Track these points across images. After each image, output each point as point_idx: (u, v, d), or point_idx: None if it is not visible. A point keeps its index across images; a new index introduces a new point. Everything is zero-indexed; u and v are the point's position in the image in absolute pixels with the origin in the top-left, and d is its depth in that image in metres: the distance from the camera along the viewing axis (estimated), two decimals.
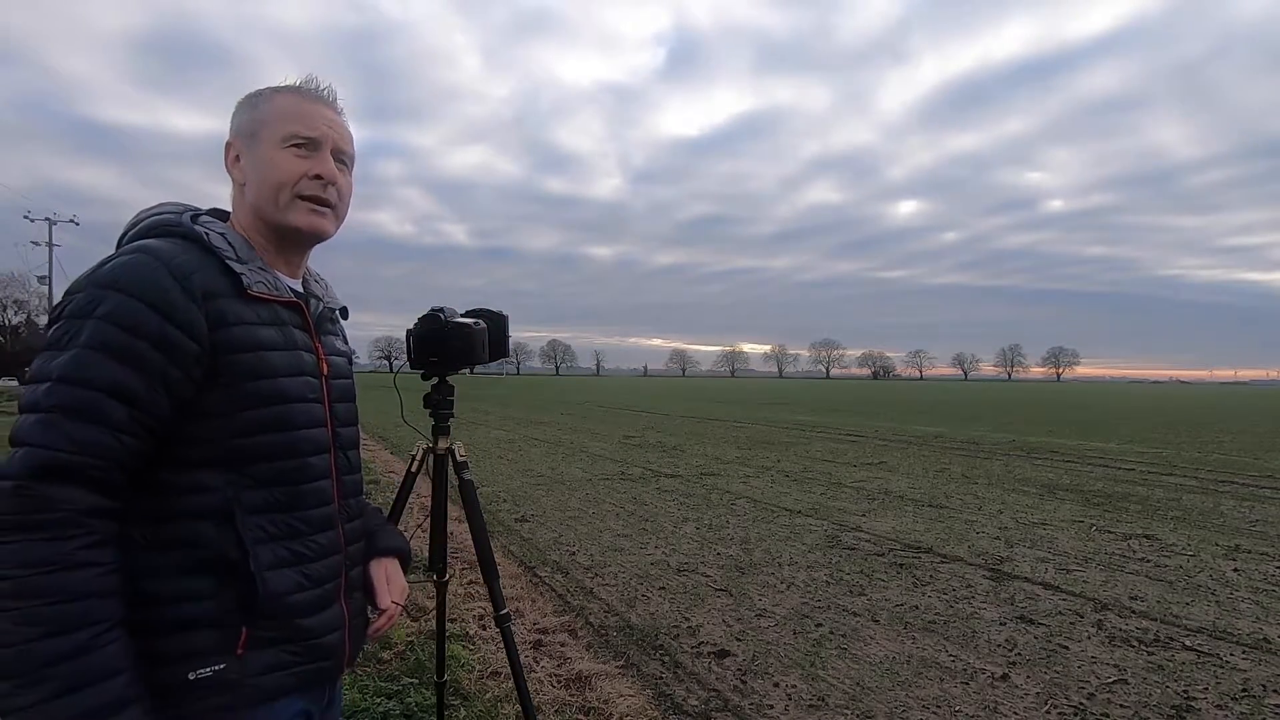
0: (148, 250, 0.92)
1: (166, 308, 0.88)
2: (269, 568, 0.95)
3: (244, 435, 0.95)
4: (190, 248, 0.96)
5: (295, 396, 1.00)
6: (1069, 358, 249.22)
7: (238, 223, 1.06)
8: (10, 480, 0.79)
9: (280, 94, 1.05)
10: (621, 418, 19.65)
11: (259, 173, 1.02)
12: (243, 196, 1.05)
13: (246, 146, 1.04)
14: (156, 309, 0.87)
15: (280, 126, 1.02)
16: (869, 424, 18.14)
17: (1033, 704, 2.86)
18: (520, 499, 7.07)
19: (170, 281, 0.89)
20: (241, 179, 1.04)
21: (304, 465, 1.01)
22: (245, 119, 1.05)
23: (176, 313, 0.89)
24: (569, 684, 2.97)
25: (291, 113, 1.03)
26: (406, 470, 1.98)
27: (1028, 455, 11.45)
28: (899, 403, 33.77)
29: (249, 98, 1.06)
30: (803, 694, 2.92)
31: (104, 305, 0.86)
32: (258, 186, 1.02)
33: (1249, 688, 3.03)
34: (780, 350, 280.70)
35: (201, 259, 0.95)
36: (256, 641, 0.94)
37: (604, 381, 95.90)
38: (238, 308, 0.96)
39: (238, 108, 1.07)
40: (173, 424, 0.91)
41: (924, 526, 6.02)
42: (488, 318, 1.87)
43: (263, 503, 0.96)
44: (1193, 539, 5.69)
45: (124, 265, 0.89)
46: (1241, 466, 10.29)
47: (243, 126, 1.05)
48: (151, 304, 0.87)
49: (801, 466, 9.73)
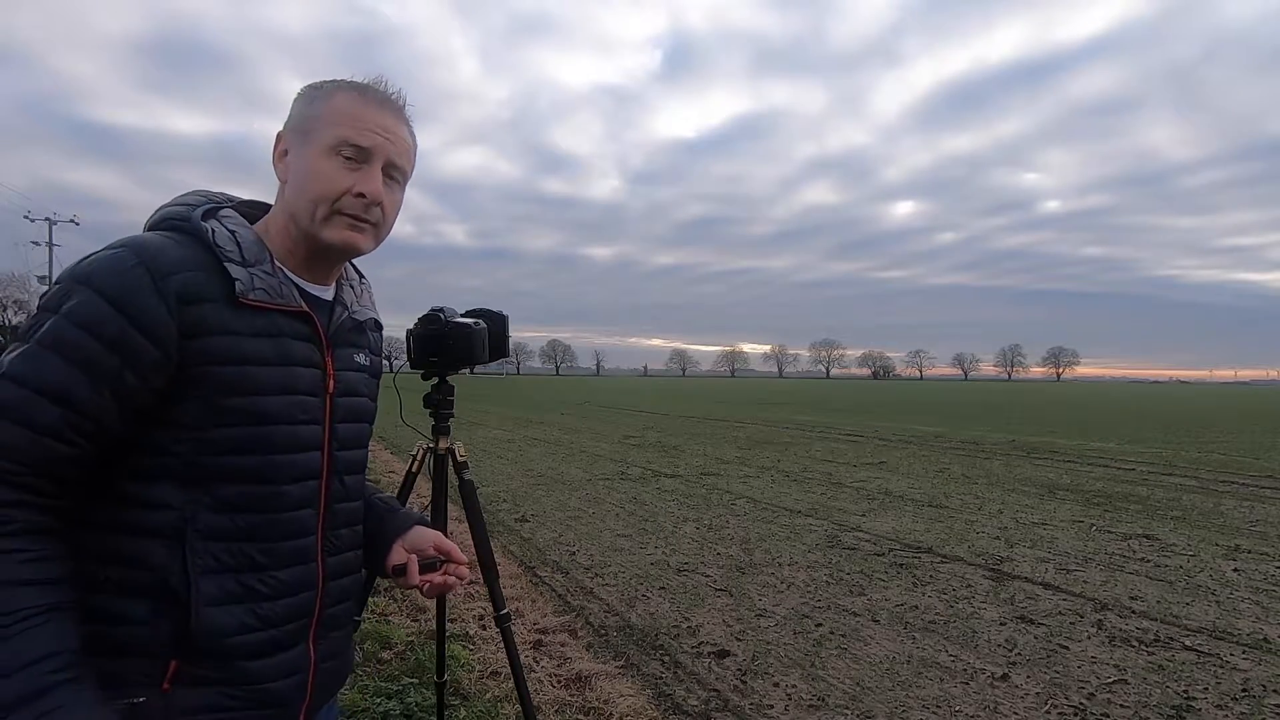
0: (134, 245, 0.85)
1: (132, 309, 0.81)
2: (212, 602, 0.86)
3: (212, 453, 0.87)
4: (189, 244, 0.88)
5: (278, 417, 0.91)
6: (1069, 358, 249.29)
7: (274, 221, 0.98)
8: None
9: (342, 91, 0.95)
10: (621, 418, 19.65)
11: (300, 179, 0.94)
12: (283, 197, 0.98)
13: (295, 144, 0.95)
14: (121, 309, 0.81)
15: (332, 130, 0.93)
16: (869, 424, 18.14)
17: (1033, 704, 2.86)
18: (520, 499, 7.07)
19: (144, 280, 0.82)
20: (284, 177, 0.96)
21: (278, 493, 0.92)
22: (300, 113, 0.96)
23: (143, 315, 0.82)
24: (569, 684, 2.97)
25: (347, 115, 0.93)
26: (406, 470, 1.98)
27: (1028, 455, 11.45)
28: (899, 403, 33.77)
29: (309, 90, 0.97)
30: (803, 694, 2.92)
31: (70, 300, 0.81)
32: (297, 193, 0.94)
33: (1249, 688, 3.03)
34: (780, 350, 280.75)
35: (197, 258, 0.87)
36: (187, 678, 0.86)
37: (604, 381, 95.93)
38: (224, 315, 0.87)
39: (298, 98, 0.97)
40: (124, 432, 0.84)
41: (924, 526, 6.02)
42: (488, 318, 1.87)
43: (221, 529, 0.88)
44: (1193, 539, 5.69)
45: (102, 260, 0.83)
46: (1241, 466, 10.29)
47: (296, 121, 0.95)
48: (116, 302, 0.81)
49: (801, 466, 9.73)
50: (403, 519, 1.15)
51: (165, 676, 0.84)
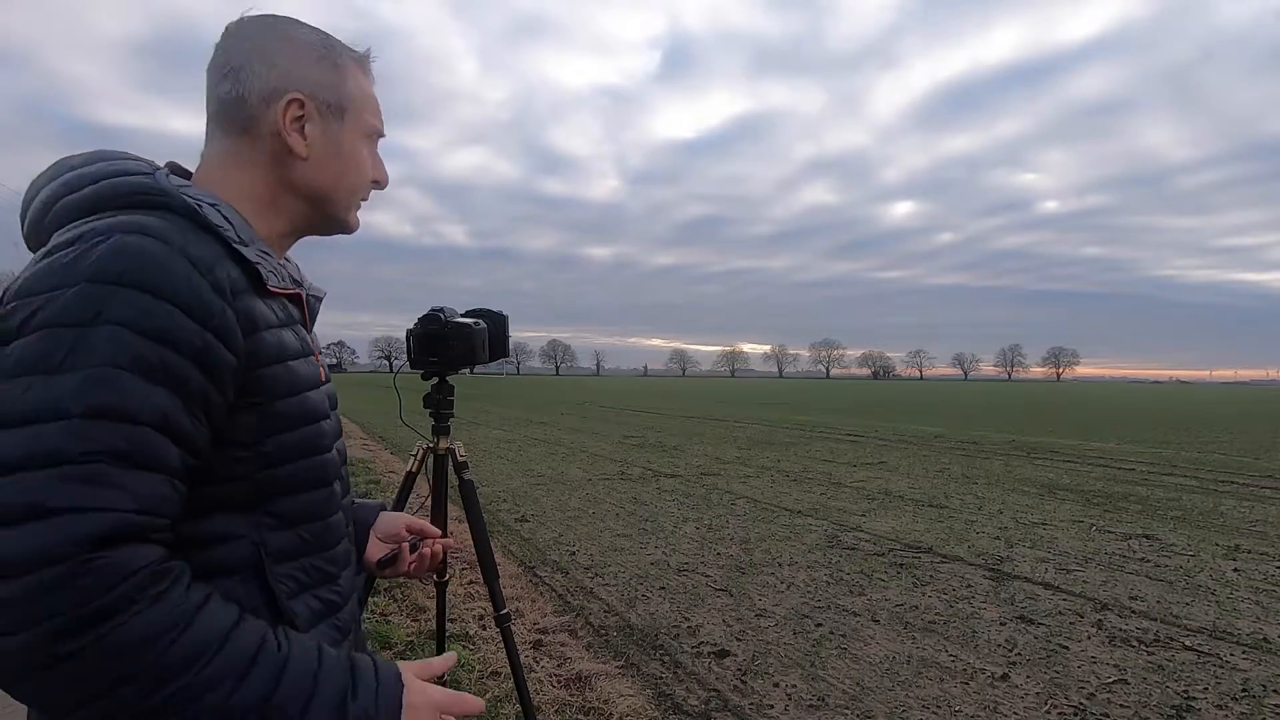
0: (150, 231, 0.66)
1: (201, 310, 0.66)
2: (306, 626, 0.77)
3: (270, 466, 0.75)
4: (189, 227, 0.70)
5: (322, 413, 0.83)
6: (1069, 358, 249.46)
7: (240, 190, 0.80)
8: (62, 564, 0.55)
9: (357, 66, 0.87)
10: (621, 418, 19.65)
11: (340, 162, 0.85)
12: (280, 165, 0.81)
13: (325, 117, 0.83)
14: (190, 312, 0.65)
15: (366, 115, 0.87)
16: (869, 424, 18.13)
17: (1033, 704, 2.86)
18: (520, 499, 7.07)
19: (193, 274, 0.66)
20: (304, 152, 0.81)
21: (330, 495, 0.84)
22: (327, 79, 0.83)
23: (212, 316, 0.67)
24: (569, 684, 2.98)
25: (370, 99, 0.88)
26: (406, 470, 1.98)
27: (1028, 455, 11.45)
28: (899, 403, 33.77)
29: (324, 49, 0.83)
30: (803, 694, 2.92)
31: (115, 307, 0.61)
32: (334, 177, 0.84)
33: (1249, 688, 3.03)
34: (780, 350, 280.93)
35: (205, 242, 0.71)
36: None
37: (604, 381, 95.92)
38: (261, 308, 0.75)
39: (303, 51, 0.82)
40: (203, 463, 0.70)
41: (924, 526, 6.02)
42: (488, 318, 1.87)
43: (291, 547, 0.78)
44: (1193, 539, 5.69)
45: (129, 252, 0.63)
46: (1241, 466, 10.29)
47: (322, 90, 0.82)
48: (183, 305, 0.65)
49: (801, 466, 9.73)
50: (368, 510, 1.10)
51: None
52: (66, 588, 0.55)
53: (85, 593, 0.55)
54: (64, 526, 0.55)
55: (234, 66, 0.79)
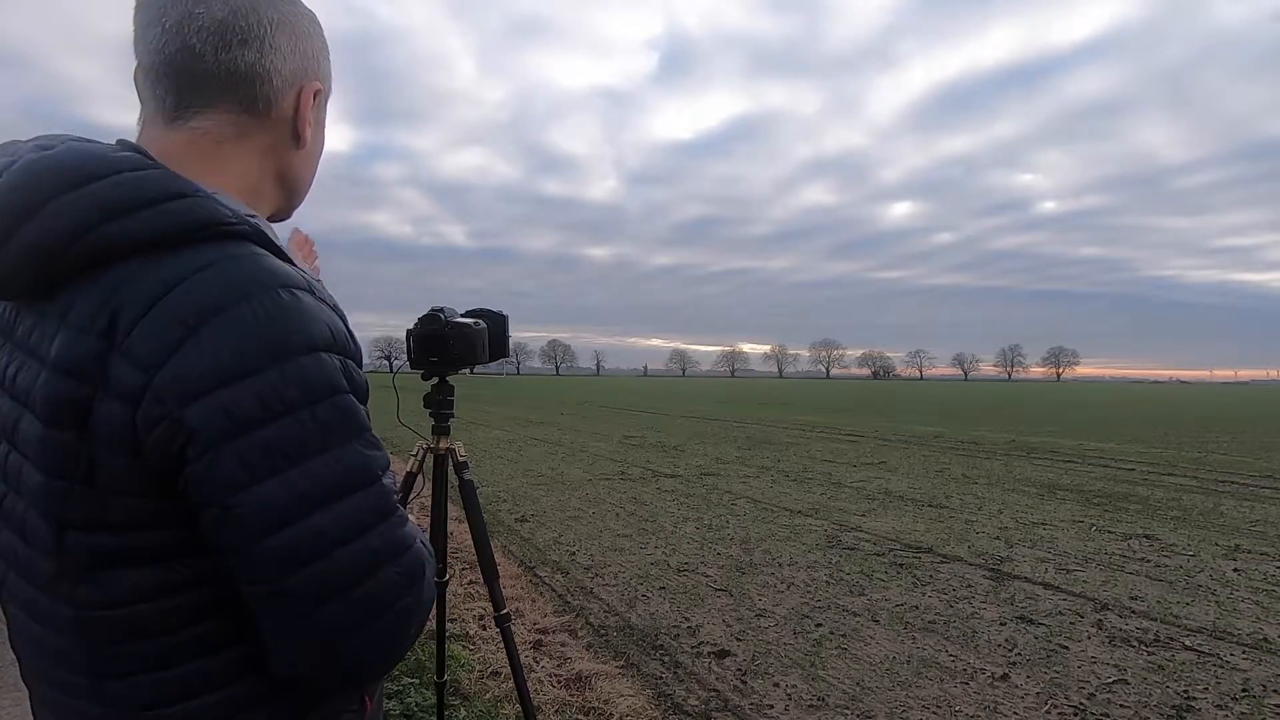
0: (265, 279, 0.59)
1: (350, 349, 0.65)
2: None
3: None
4: (266, 256, 0.63)
5: None
6: (1069, 358, 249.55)
7: (235, 179, 0.71)
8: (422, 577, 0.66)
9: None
10: (621, 418, 19.65)
11: (318, 150, 0.79)
12: (277, 153, 0.73)
13: (320, 107, 0.77)
14: (353, 356, 0.65)
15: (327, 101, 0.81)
16: (869, 424, 18.13)
17: (1033, 704, 2.86)
18: (520, 499, 7.07)
19: (335, 319, 0.64)
20: (305, 142, 0.75)
21: None
22: (328, 66, 0.77)
23: (353, 348, 0.66)
24: (569, 684, 2.97)
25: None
26: (406, 470, 1.98)
27: (1028, 455, 11.45)
28: (899, 403, 33.77)
29: (316, 28, 0.75)
30: (803, 694, 2.92)
31: (319, 374, 0.60)
32: (313, 167, 0.80)
33: (1249, 688, 3.03)
34: (780, 350, 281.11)
35: (291, 268, 0.65)
36: (374, 701, 0.79)
37: (604, 381, 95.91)
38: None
39: (315, 32, 0.74)
40: None
41: (924, 526, 6.02)
42: (488, 318, 1.87)
43: None
44: (1193, 539, 5.69)
45: (279, 314, 0.58)
46: (1241, 466, 10.29)
47: (328, 79, 0.77)
48: (352, 355, 0.64)
49: (801, 466, 9.73)
50: None
51: (365, 715, 0.76)
52: (428, 592, 0.67)
53: (429, 591, 0.67)
54: (414, 557, 0.64)
55: (258, 35, 0.67)
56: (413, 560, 0.63)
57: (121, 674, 0.62)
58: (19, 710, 2.64)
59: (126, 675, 0.62)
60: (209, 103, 0.68)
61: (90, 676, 0.63)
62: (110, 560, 0.59)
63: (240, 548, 0.57)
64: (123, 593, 0.60)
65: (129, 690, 0.62)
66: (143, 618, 0.61)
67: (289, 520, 0.57)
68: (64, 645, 0.63)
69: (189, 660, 0.62)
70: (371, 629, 0.61)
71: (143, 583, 0.60)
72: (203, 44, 0.66)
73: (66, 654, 0.63)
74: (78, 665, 0.63)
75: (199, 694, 0.63)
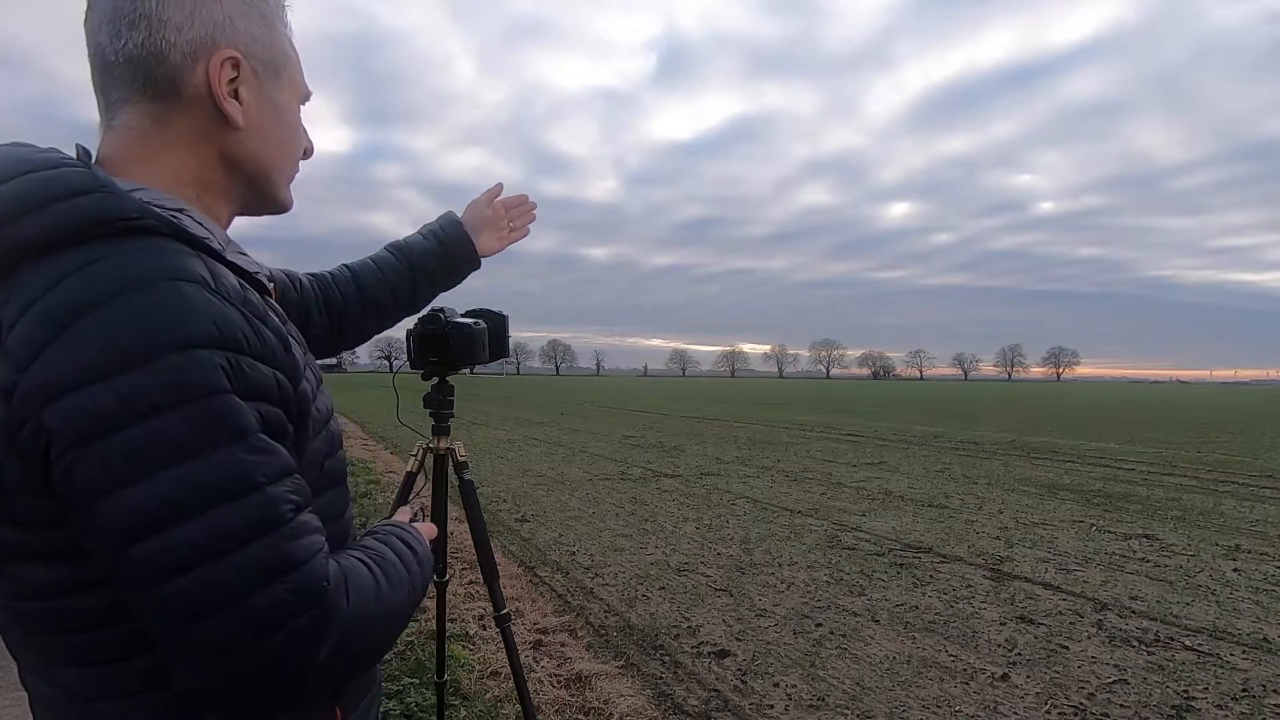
0: (167, 273, 0.57)
1: (261, 348, 0.62)
2: None
3: (313, 472, 0.70)
4: (181, 250, 0.60)
5: (330, 408, 0.78)
6: (1069, 358, 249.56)
7: (173, 174, 0.67)
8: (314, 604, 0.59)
9: (280, 20, 0.74)
10: (621, 418, 19.65)
11: (280, 131, 0.74)
12: (213, 138, 0.69)
13: (264, 81, 0.71)
14: (260, 357, 0.62)
15: (299, 76, 0.76)
16: (869, 424, 18.13)
17: (1033, 704, 2.86)
18: (520, 499, 7.07)
19: (240, 314, 0.61)
20: (239, 118, 0.68)
21: (345, 490, 0.81)
22: (258, 32, 0.70)
23: (269, 349, 0.63)
24: (569, 684, 2.97)
25: (297, 54, 0.76)
26: (407, 470, 1.98)
27: (1028, 455, 11.44)
28: (899, 403, 33.77)
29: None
30: (803, 694, 2.92)
31: (201, 375, 0.56)
32: (276, 146, 0.74)
33: (1249, 688, 3.03)
34: (780, 350, 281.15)
35: (214, 267, 0.62)
36: (347, 711, 0.75)
37: (604, 381, 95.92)
38: (274, 320, 0.67)
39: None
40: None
41: (924, 526, 6.02)
42: (488, 318, 1.87)
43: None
44: (1193, 539, 5.69)
45: (165, 309, 0.56)
46: (1241, 466, 10.29)
47: (257, 43, 0.70)
48: (254, 352, 0.61)
49: (801, 466, 9.73)
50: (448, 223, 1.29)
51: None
52: (341, 614, 0.60)
53: (342, 612, 0.60)
54: (310, 574, 0.58)
55: (143, 13, 0.63)
56: (307, 577, 0.57)
57: (61, 663, 0.62)
58: (19, 710, 2.64)
59: (66, 665, 0.62)
60: (121, 96, 0.66)
61: (38, 660, 0.64)
62: (22, 555, 0.59)
63: (109, 555, 0.55)
64: (40, 587, 0.60)
65: (72, 679, 0.62)
66: (64, 613, 0.60)
67: (155, 529, 0.53)
68: (10, 629, 0.65)
69: (121, 659, 0.61)
70: (260, 649, 0.56)
71: (56, 579, 0.59)
72: (103, 37, 0.65)
73: (17, 639, 0.65)
74: (25, 649, 0.65)
75: (135, 692, 0.62)
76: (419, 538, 0.80)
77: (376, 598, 0.66)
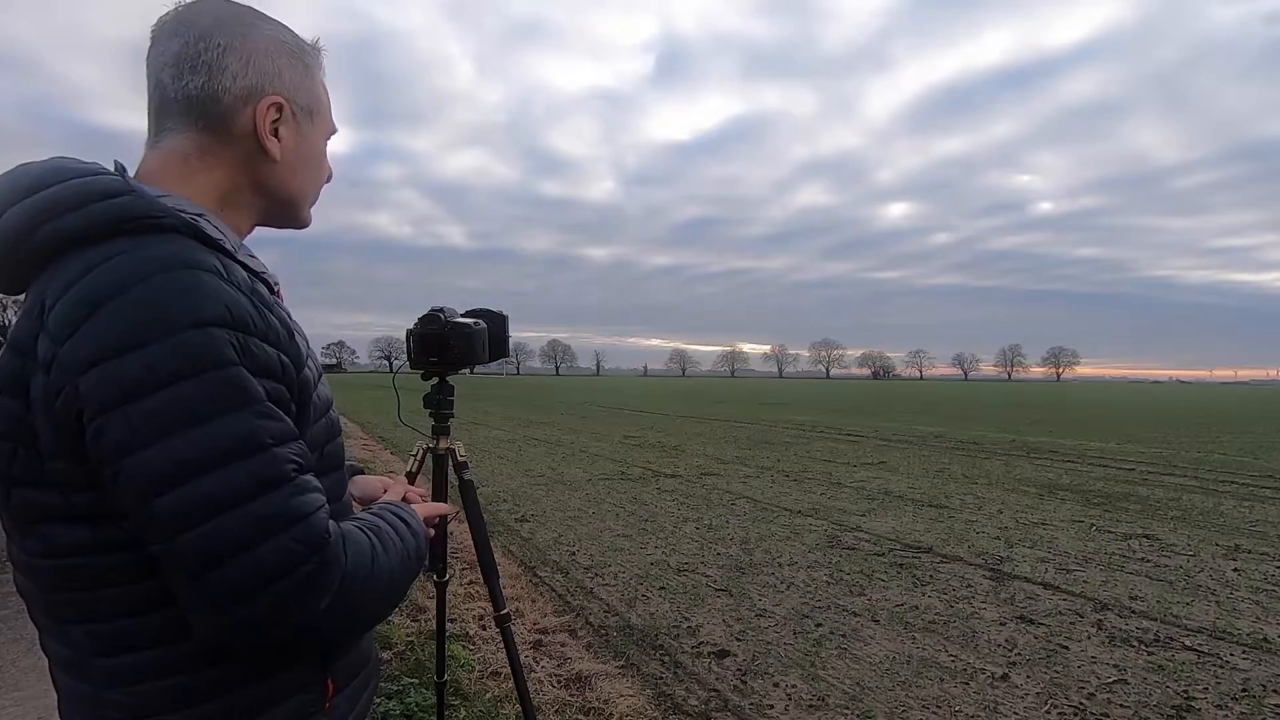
0: (182, 262, 0.66)
1: (265, 331, 0.71)
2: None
3: (315, 453, 0.77)
4: (195, 246, 0.69)
5: (329, 398, 0.86)
6: (1069, 358, 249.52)
7: (206, 189, 0.77)
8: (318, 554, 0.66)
9: (318, 63, 0.85)
10: (621, 418, 19.65)
11: (309, 165, 0.85)
12: (251, 166, 0.79)
13: (302, 123, 0.82)
14: (264, 338, 0.70)
15: (329, 117, 0.88)
16: (869, 424, 18.13)
17: (1033, 704, 2.86)
18: (520, 499, 7.07)
19: (248, 301, 0.69)
20: (278, 155, 0.79)
21: (343, 475, 0.88)
22: (300, 80, 0.82)
23: (274, 333, 0.72)
24: (569, 684, 2.97)
25: (328, 95, 0.87)
26: (407, 470, 1.98)
27: (1028, 455, 11.45)
28: (899, 403, 33.76)
29: (295, 48, 0.82)
30: (803, 694, 2.92)
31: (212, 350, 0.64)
32: (304, 180, 0.85)
33: (1249, 688, 3.03)
34: (780, 350, 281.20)
35: (224, 259, 0.71)
36: (340, 688, 0.82)
37: (604, 381, 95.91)
38: (280, 311, 0.76)
39: (278, 49, 0.79)
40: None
41: (924, 526, 6.02)
42: (488, 318, 1.86)
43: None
44: (1193, 539, 5.69)
45: (181, 290, 0.64)
46: (1241, 466, 10.29)
47: (299, 90, 0.81)
48: (258, 333, 0.69)
49: (801, 466, 9.73)
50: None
51: (327, 698, 0.79)
52: (339, 566, 0.67)
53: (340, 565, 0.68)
54: (312, 527, 0.66)
55: (206, 60, 0.75)
56: (310, 529, 0.65)
57: (74, 620, 0.68)
58: (19, 710, 2.64)
59: (79, 622, 0.68)
60: (174, 126, 0.76)
61: (51, 619, 0.70)
62: (47, 516, 0.66)
63: (134, 509, 0.62)
64: (61, 547, 0.66)
65: (83, 637, 0.68)
66: (79, 571, 0.66)
67: (175, 483, 0.61)
68: (29, 589, 0.71)
69: (129, 615, 0.67)
70: (268, 594, 0.62)
71: (76, 539, 0.66)
72: (165, 76, 0.76)
73: (34, 597, 0.71)
74: (41, 607, 0.71)
75: (142, 648, 0.67)
76: (411, 513, 0.87)
77: (373, 559, 0.72)
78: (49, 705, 2.58)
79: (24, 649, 3.11)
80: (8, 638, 3.24)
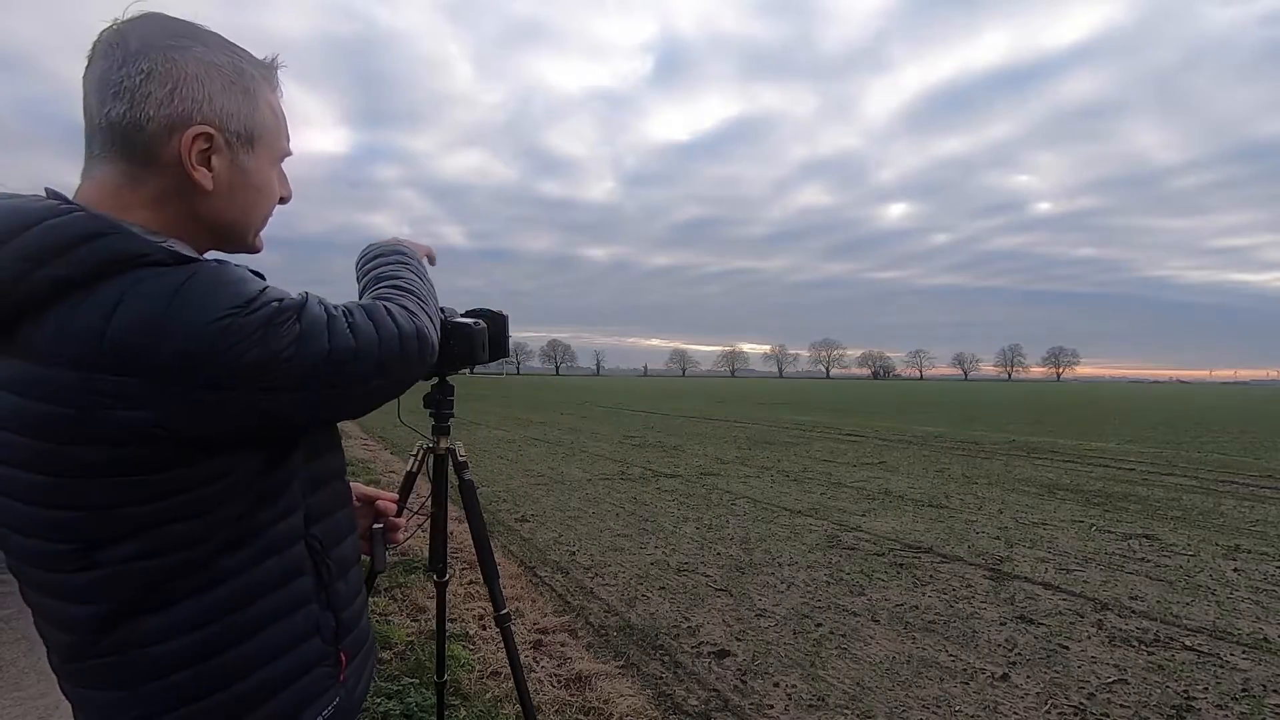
0: (209, 264, 0.72)
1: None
2: (340, 578, 0.88)
3: (311, 460, 0.87)
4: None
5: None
6: (1069, 358, 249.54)
7: (143, 223, 0.73)
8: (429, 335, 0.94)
9: (266, 85, 0.82)
10: (621, 418, 19.65)
11: (251, 194, 0.81)
12: (183, 198, 0.76)
13: (233, 148, 0.78)
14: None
15: (277, 141, 0.83)
16: (869, 424, 18.13)
17: (1033, 704, 2.86)
18: (520, 499, 7.07)
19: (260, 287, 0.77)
20: (209, 185, 0.76)
21: (335, 459, 0.93)
22: (236, 107, 0.77)
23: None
24: (569, 684, 2.97)
25: (282, 121, 0.84)
26: (406, 470, 1.98)
27: (1028, 455, 11.44)
28: (899, 403, 33.76)
29: (233, 72, 0.77)
30: (803, 694, 2.92)
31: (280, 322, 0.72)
32: (244, 208, 0.81)
33: (1249, 688, 3.03)
34: (780, 350, 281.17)
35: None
36: (350, 660, 0.90)
37: (604, 381, 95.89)
38: None
39: (210, 75, 0.75)
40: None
41: (924, 526, 6.02)
42: (488, 318, 1.86)
43: (319, 507, 0.87)
44: (1193, 539, 5.69)
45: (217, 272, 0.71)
46: (1241, 466, 10.29)
47: (233, 117, 0.77)
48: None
49: (801, 466, 9.73)
50: None
51: (341, 670, 0.87)
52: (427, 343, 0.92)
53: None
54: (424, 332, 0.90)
55: (128, 86, 0.70)
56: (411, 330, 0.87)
57: (114, 539, 0.69)
58: (19, 710, 2.64)
59: (120, 540, 0.69)
60: (101, 152, 0.73)
61: (79, 542, 0.69)
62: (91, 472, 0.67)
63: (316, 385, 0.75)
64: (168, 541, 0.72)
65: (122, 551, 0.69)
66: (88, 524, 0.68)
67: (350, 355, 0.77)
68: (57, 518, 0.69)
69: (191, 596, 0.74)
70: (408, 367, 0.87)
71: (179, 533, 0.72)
72: (92, 100, 0.72)
73: (60, 525, 0.68)
74: (39, 559, 0.71)
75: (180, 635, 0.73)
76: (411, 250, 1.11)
77: (423, 305, 0.96)
78: (49, 705, 2.58)
79: (24, 649, 3.11)
80: (8, 638, 3.24)
